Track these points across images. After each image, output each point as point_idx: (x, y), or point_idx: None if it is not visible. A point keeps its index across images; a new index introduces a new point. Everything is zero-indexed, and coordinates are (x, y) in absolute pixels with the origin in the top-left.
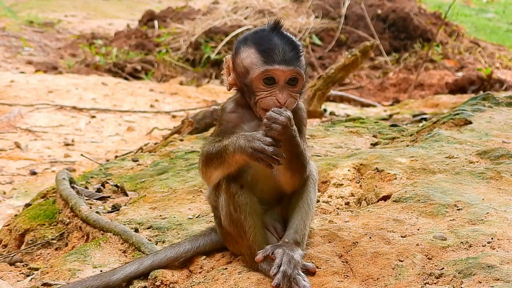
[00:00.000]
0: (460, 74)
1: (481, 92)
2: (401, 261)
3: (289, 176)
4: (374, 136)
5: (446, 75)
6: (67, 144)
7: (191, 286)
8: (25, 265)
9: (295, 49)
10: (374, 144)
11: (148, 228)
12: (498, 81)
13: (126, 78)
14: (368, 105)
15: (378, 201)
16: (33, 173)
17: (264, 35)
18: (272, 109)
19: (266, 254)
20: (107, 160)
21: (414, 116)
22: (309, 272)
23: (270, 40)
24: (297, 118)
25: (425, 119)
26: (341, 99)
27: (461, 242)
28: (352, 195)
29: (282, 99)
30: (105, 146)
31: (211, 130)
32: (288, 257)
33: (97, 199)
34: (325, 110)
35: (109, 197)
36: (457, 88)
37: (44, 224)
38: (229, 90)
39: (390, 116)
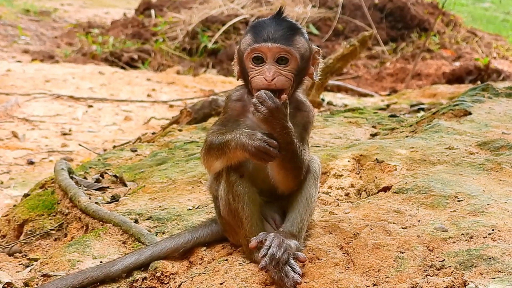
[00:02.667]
0: (457, 64)
1: (479, 82)
2: (402, 252)
3: (282, 176)
4: (373, 126)
5: (443, 65)
6: (64, 134)
7: (192, 277)
8: (24, 256)
9: (289, 29)
10: (373, 135)
11: (147, 219)
12: (496, 71)
13: (122, 67)
14: (365, 95)
15: (378, 192)
16: (31, 162)
17: (263, 20)
18: (260, 92)
19: (259, 240)
20: (105, 150)
21: (411, 106)
22: (299, 262)
23: (265, 23)
24: (304, 117)
25: (422, 109)
26: (339, 89)
27: (462, 234)
28: (352, 186)
29: (269, 76)
30: (102, 136)
31: (210, 120)
32: (278, 240)
33: (96, 189)
34: (322, 100)
35: (108, 187)
36: (454, 78)
37: (43, 215)
38: (237, 79)
39: (388, 106)
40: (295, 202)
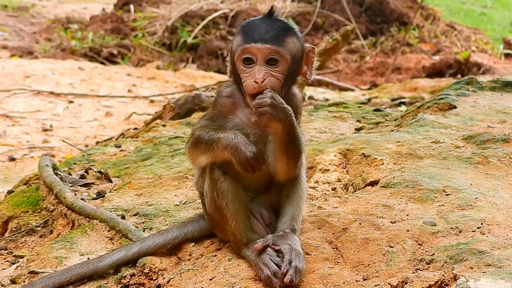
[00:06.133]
0: (436, 57)
1: (459, 76)
2: (392, 247)
3: (285, 162)
4: (358, 121)
5: (423, 58)
6: (45, 130)
7: (180, 273)
8: (9, 253)
9: (279, 30)
10: (358, 129)
11: (134, 215)
12: (476, 65)
13: (102, 63)
14: (346, 89)
15: (365, 186)
16: (12, 159)
17: (254, 20)
18: (256, 97)
19: (267, 244)
20: (86, 146)
21: (392, 100)
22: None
23: (256, 24)
24: (293, 106)
25: (403, 103)
26: (319, 83)
27: (451, 228)
28: (339, 180)
29: (259, 78)
30: (84, 132)
31: (194, 116)
32: (296, 252)
33: (81, 185)
34: (304, 95)
35: (93, 183)
36: (434, 72)
37: (28, 211)
38: (229, 77)
39: (369, 100)
40: (291, 193)
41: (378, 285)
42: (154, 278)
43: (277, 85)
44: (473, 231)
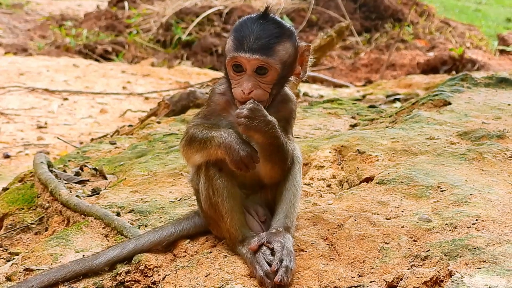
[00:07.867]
0: (431, 54)
1: (454, 72)
2: (387, 243)
3: (269, 168)
4: (352, 117)
5: (417, 55)
6: (40, 127)
7: (176, 270)
8: (5, 250)
9: (271, 37)
10: (353, 126)
11: (129, 212)
12: (470, 61)
13: (97, 60)
14: (340, 86)
15: (360, 183)
16: (7, 156)
17: (247, 22)
18: (239, 107)
19: (261, 242)
20: (81, 143)
21: (387, 96)
22: None
23: (249, 27)
24: (287, 110)
25: (398, 99)
26: (314, 80)
27: (446, 224)
28: (334, 177)
29: (247, 89)
30: (78, 129)
31: (189, 112)
32: (287, 250)
33: (76, 182)
34: (299, 91)
35: (88, 180)
36: (429, 68)
37: (23, 209)
38: (224, 74)
39: (364, 96)
40: (284, 191)
41: (373, 281)
42: (149, 275)
43: (264, 96)
44: (468, 227)
